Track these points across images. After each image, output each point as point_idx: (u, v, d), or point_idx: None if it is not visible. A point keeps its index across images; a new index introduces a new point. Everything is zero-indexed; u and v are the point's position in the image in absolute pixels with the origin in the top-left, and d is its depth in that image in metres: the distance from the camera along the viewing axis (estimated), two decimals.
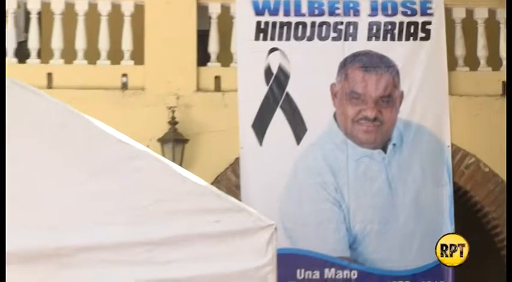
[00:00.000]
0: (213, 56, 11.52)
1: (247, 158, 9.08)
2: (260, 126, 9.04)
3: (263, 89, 9.12)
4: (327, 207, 8.93)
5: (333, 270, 8.69)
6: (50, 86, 10.86)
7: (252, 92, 9.18)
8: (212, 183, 8.82)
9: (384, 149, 9.06)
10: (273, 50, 9.22)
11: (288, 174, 8.94)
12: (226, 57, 11.32)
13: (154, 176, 4.80)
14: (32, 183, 4.64)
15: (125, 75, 11.22)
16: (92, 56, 11.43)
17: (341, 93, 9.09)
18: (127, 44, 11.27)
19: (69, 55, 11.37)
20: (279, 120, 9.04)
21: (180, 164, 9.55)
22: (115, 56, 11.46)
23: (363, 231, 8.89)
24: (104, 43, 11.23)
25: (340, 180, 8.93)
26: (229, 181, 10.37)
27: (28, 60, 11.39)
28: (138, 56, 11.43)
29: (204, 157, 10.88)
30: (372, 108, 9.04)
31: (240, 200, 8.12)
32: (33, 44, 11.33)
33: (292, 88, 9.10)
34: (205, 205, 4.78)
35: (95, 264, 4.53)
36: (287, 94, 9.08)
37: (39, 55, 11.45)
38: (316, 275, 8.68)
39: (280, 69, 9.14)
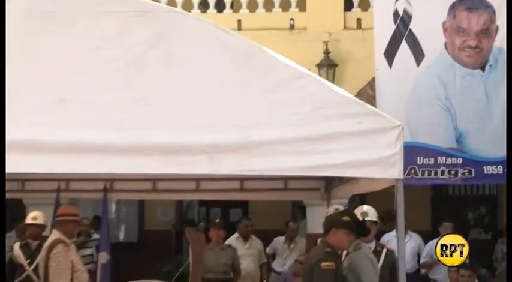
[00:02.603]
0: (356, 4, 11.35)
1: (381, 77, 8.88)
2: (390, 53, 8.81)
3: (392, 26, 8.85)
4: (439, 112, 8.68)
5: (444, 157, 8.46)
6: (239, 28, 10.93)
7: (384, 29, 8.93)
8: (355, 96, 8.74)
9: (483, 68, 8.69)
10: None
11: (411, 88, 8.71)
12: (365, 4, 11.12)
13: (313, 90, 4.75)
14: (228, 95, 4.68)
15: (292, 19, 11.19)
16: (269, 5, 11.43)
17: (450, 28, 8.74)
18: None
19: (252, 5, 11.40)
20: (403, 49, 8.78)
21: (332, 82, 9.48)
22: (285, 5, 11.43)
23: (466, 129, 8.62)
24: None
25: (449, 92, 8.66)
26: (367, 94, 10.24)
27: (224, 11, 11.48)
28: (301, 5, 11.35)
29: (349, 77, 10.80)
30: (474, 39, 8.66)
31: (376, 107, 8.01)
32: None
33: (414, 25, 8.81)
34: (351, 111, 4.71)
35: (274, 154, 4.55)
36: (410, 30, 8.80)
37: (232, 6, 11.52)
38: (431, 161, 8.48)
39: (405, 11, 8.85)
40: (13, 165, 4.47)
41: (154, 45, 4.66)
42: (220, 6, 11.55)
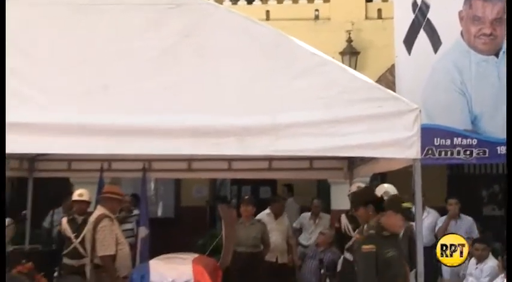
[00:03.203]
0: None
1: (400, 63, 8.80)
2: (409, 41, 8.73)
3: (411, 16, 8.76)
4: (455, 96, 8.60)
5: (459, 138, 8.38)
6: (267, 19, 10.89)
7: (403, 18, 8.83)
8: (376, 81, 8.70)
9: (497, 55, 8.57)
10: None
11: (428, 74, 8.62)
12: None
13: (337, 76, 4.75)
14: (256, 81, 4.68)
15: (317, 10, 11.12)
16: None
17: (466, 17, 8.62)
18: None
19: None
20: (422, 37, 8.68)
21: (354, 69, 9.43)
22: None
23: (481, 111, 8.52)
24: None
25: (464, 77, 8.56)
26: (387, 80, 10.17)
27: (254, 3, 11.45)
28: None
29: (370, 64, 10.73)
30: (488, 27, 8.54)
31: (395, 92, 7.96)
32: None
33: (431, 15, 8.70)
34: (372, 95, 4.70)
35: (299, 135, 4.57)
36: (428, 19, 8.70)
37: None
38: (448, 142, 8.40)
39: (423, 2, 8.74)
40: (63, 146, 4.56)
41: (187, 35, 4.69)
42: None
